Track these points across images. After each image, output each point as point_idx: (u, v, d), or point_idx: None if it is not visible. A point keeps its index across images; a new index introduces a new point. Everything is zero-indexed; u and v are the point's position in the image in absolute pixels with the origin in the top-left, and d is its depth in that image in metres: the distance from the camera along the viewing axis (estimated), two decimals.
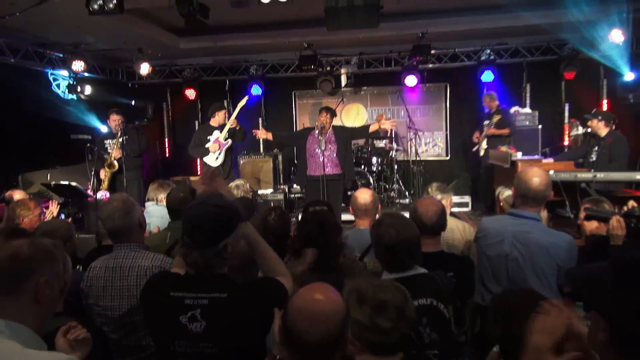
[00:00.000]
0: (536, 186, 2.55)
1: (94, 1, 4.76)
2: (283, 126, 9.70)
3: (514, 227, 2.57)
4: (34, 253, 1.54)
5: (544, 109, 8.54)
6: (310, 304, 1.44)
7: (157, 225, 3.72)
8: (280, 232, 3.06)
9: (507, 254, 2.55)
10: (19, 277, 1.50)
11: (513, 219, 2.62)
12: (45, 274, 1.54)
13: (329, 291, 1.49)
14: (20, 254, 1.52)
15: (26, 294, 1.50)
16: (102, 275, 2.26)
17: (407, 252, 2.13)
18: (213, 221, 1.75)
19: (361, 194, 3.23)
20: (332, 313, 1.43)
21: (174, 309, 1.74)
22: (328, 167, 5.84)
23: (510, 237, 2.55)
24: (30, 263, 1.52)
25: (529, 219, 2.57)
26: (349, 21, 4.81)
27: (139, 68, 8.24)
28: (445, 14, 7.09)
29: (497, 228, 2.64)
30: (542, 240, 2.49)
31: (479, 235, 2.73)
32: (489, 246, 2.65)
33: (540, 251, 2.48)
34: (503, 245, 2.57)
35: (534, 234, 2.52)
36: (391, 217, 2.26)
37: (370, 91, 9.60)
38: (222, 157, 6.48)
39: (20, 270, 1.51)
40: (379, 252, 2.23)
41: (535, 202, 2.58)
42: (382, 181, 8.46)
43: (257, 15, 6.82)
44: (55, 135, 7.58)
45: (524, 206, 2.60)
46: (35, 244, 1.57)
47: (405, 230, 2.15)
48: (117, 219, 2.31)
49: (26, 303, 1.50)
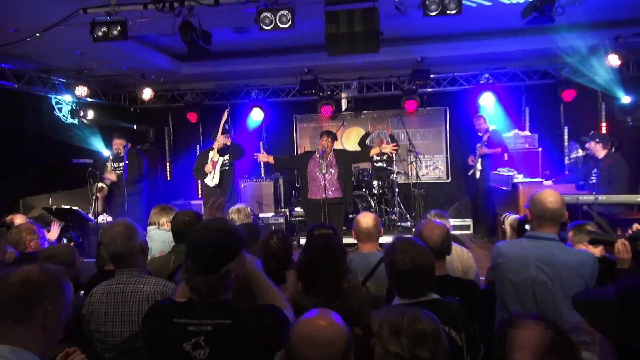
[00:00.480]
0: (552, 206, 2.54)
1: (98, 28, 4.82)
2: (284, 150, 9.73)
3: (537, 250, 2.52)
4: (44, 280, 1.54)
5: (544, 131, 8.59)
6: (313, 329, 1.44)
7: (159, 249, 3.70)
8: (281, 255, 3.06)
9: (533, 278, 2.49)
10: (29, 304, 1.49)
11: (532, 241, 2.58)
12: (53, 301, 1.54)
13: (332, 317, 1.49)
14: (32, 280, 1.51)
15: (34, 322, 1.49)
16: (103, 301, 2.24)
17: (422, 279, 2.11)
18: (216, 246, 1.74)
19: (364, 217, 3.22)
20: (335, 338, 1.43)
21: (177, 336, 1.71)
22: (329, 190, 5.86)
23: (535, 261, 2.50)
24: (41, 290, 1.52)
25: (548, 240, 2.54)
26: (350, 46, 4.87)
27: (142, 93, 8.32)
28: (444, 40, 7.20)
29: (519, 252, 2.58)
30: (569, 260, 2.46)
31: (499, 261, 2.64)
32: (512, 272, 2.57)
33: (568, 272, 2.44)
34: (528, 269, 2.51)
35: (559, 255, 2.49)
36: (405, 242, 2.22)
37: (370, 115, 9.67)
38: (217, 177, 6.55)
39: (31, 297, 1.50)
40: (393, 278, 2.20)
41: (552, 222, 2.56)
42: (383, 204, 8.45)
43: (259, 41, 6.92)
44: (57, 159, 7.61)
45: (542, 227, 2.57)
46: (45, 270, 1.57)
47: (420, 256, 2.13)
48: (119, 243, 2.30)
49: (33, 330, 1.49)
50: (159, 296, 2.21)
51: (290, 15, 4.66)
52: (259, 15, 4.69)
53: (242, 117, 9.53)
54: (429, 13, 4.51)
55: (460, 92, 8.92)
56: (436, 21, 4.91)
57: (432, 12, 4.50)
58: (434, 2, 4.48)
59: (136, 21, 4.92)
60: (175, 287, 2.26)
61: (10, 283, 1.50)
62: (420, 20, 4.78)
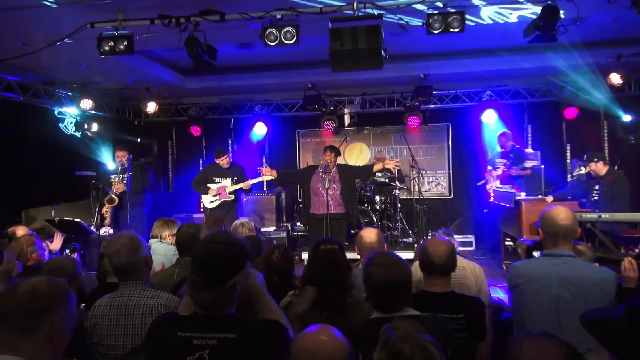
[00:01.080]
0: (565, 223, 2.53)
1: (105, 42, 4.88)
2: (286, 164, 9.76)
3: (558, 268, 2.49)
4: (52, 291, 1.54)
5: (546, 149, 8.61)
6: (314, 344, 1.45)
7: (161, 262, 3.70)
8: (283, 269, 3.05)
9: (558, 296, 2.45)
10: (36, 316, 1.50)
11: (552, 259, 2.55)
12: (60, 313, 1.54)
13: (332, 332, 1.50)
14: (39, 291, 1.52)
15: (41, 334, 1.49)
16: (106, 314, 2.23)
17: (395, 293, 2.11)
18: (222, 259, 1.74)
19: (367, 233, 3.22)
20: (335, 352, 1.43)
21: (181, 350, 1.70)
22: (332, 205, 5.86)
23: (557, 279, 2.47)
24: (49, 302, 1.52)
25: (567, 257, 2.52)
26: (353, 63, 4.91)
27: (146, 106, 8.38)
28: (447, 57, 7.26)
29: (539, 271, 2.54)
30: (594, 277, 2.44)
31: (519, 281, 2.59)
32: (535, 291, 2.52)
33: (593, 289, 2.42)
34: (551, 288, 2.47)
35: (582, 271, 2.47)
36: (382, 256, 2.24)
37: (373, 130, 9.71)
38: (216, 204, 6.66)
39: (39, 308, 1.50)
40: (368, 292, 2.22)
41: (565, 239, 2.55)
42: (386, 220, 8.43)
43: (263, 56, 6.99)
44: (60, 171, 7.64)
45: (557, 245, 2.55)
46: (52, 282, 1.57)
47: (395, 271, 2.13)
48: (124, 255, 2.30)
49: (40, 343, 1.49)
50: (163, 309, 2.20)
51: (295, 32, 4.71)
52: (264, 31, 4.74)
53: (245, 131, 9.58)
54: (433, 31, 4.55)
55: (463, 109, 8.97)
56: (439, 39, 4.95)
57: (436, 30, 4.55)
58: (438, 20, 4.53)
59: (142, 36, 4.98)
60: (178, 301, 2.26)
61: (19, 294, 1.51)
62: (424, 38, 4.83)
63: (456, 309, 2.42)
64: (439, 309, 2.38)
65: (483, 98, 8.56)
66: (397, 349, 1.53)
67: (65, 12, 4.73)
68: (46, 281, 1.56)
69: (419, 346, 1.53)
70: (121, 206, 6.60)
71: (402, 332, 1.57)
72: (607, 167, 5.97)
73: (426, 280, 2.58)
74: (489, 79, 8.24)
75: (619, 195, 5.75)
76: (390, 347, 1.54)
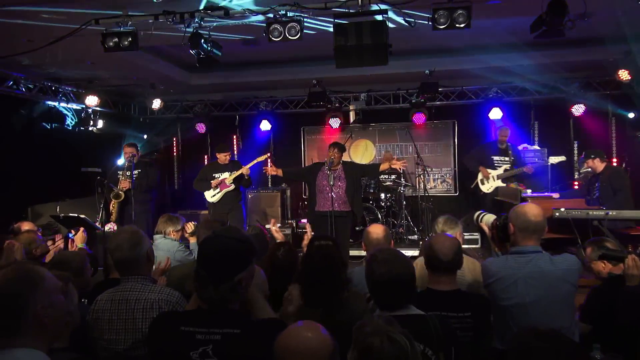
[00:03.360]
0: (536, 219, 2.54)
1: (109, 38, 4.88)
2: (292, 161, 9.75)
3: (524, 267, 2.49)
4: (18, 286, 1.48)
5: (553, 146, 8.54)
6: (297, 340, 1.44)
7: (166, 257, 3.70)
8: (287, 267, 3.04)
9: (525, 295, 2.45)
10: (11, 319, 1.45)
11: (518, 257, 2.54)
12: (38, 300, 1.48)
13: (316, 328, 1.49)
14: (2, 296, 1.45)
15: (30, 327, 1.46)
16: (108, 308, 2.23)
17: (398, 290, 2.08)
18: (230, 254, 1.73)
19: (374, 229, 3.19)
20: (318, 348, 1.42)
21: (185, 344, 1.69)
22: (336, 203, 5.83)
23: (524, 278, 2.46)
24: (15, 302, 1.46)
25: (534, 253, 2.53)
26: (358, 59, 4.88)
27: (151, 103, 8.39)
28: (453, 53, 7.21)
29: (506, 271, 2.52)
30: (557, 271, 2.46)
31: (489, 281, 2.58)
32: (503, 290, 2.51)
33: (558, 282, 2.44)
34: (517, 287, 2.46)
35: (546, 267, 2.48)
36: (385, 252, 2.21)
37: (378, 127, 9.68)
38: (219, 197, 6.66)
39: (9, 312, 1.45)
40: (370, 289, 2.19)
41: (535, 234, 2.56)
42: (391, 217, 8.41)
43: (268, 52, 6.97)
44: (66, 167, 7.66)
45: (526, 240, 2.56)
46: (12, 275, 1.50)
47: (396, 267, 2.10)
48: (125, 250, 2.29)
49: (34, 333, 1.47)
50: (164, 304, 2.20)
51: (299, 28, 4.69)
52: (268, 27, 4.73)
53: (250, 128, 9.57)
54: (438, 27, 4.52)
55: (469, 106, 8.91)
56: (445, 34, 4.90)
57: (441, 26, 4.51)
58: (443, 15, 4.49)
59: (147, 32, 4.97)
60: (180, 296, 2.25)
61: None
62: (429, 34, 4.80)
63: (463, 307, 2.40)
64: (445, 307, 2.36)
65: (489, 95, 8.51)
66: (367, 343, 1.51)
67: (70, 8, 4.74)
68: (3, 277, 1.49)
69: (389, 338, 1.51)
70: (127, 203, 6.63)
71: (372, 327, 1.55)
72: (604, 164, 6.03)
73: (432, 278, 2.55)
74: (495, 75, 8.17)
75: (620, 188, 5.79)
76: (361, 342, 1.53)
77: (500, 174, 7.35)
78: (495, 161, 7.47)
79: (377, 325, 1.57)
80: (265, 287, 2.35)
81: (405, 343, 1.52)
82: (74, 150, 7.82)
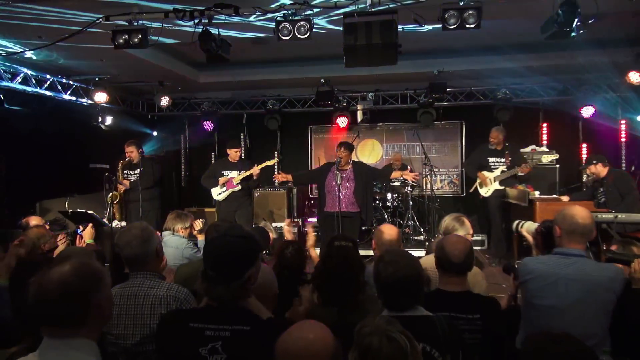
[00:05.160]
0: (584, 222, 2.51)
1: (119, 36, 4.90)
2: (298, 160, 9.77)
3: (566, 268, 2.46)
4: (86, 281, 1.55)
5: (562, 148, 8.48)
6: (297, 342, 1.43)
7: (173, 255, 3.72)
8: (295, 266, 3.05)
9: (564, 297, 2.42)
10: (76, 313, 1.51)
11: (562, 258, 2.51)
12: (101, 293, 1.57)
13: (319, 328, 1.47)
14: (73, 289, 1.52)
15: (94, 317, 1.54)
16: (116, 303, 2.22)
17: (405, 291, 2.07)
18: (238, 252, 1.74)
19: (388, 230, 3.19)
20: (320, 349, 1.41)
21: (194, 341, 1.70)
22: (344, 203, 5.81)
23: (566, 279, 2.43)
24: (87, 293, 1.53)
25: (577, 257, 2.49)
26: (367, 58, 4.88)
27: (160, 101, 8.41)
28: (461, 53, 7.18)
29: (547, 269, 2.50)
30: (602, 278, 2.41)
31: (526, 278, 2.55)
32: (541, 289, 2.49)
33: (599, 289, 2.39)
34: (557, 288, 2.43)
35: (590, 271, 2.44)
36: (393, 253, 2.21)
37: (385, 127, 9.67)
38: (225, 195, 6.67)
39: (80, 301, 1.52)
40: (378, 289, 2.19)
41: (582, 238, 2.52)
42: (397, 217, 8.40)
43: (276, 51, 6.97)
44: (74, 163, 7.71)
45: (571, 243, 2.52)
46: (80, 271, 1.56)
47: (403, 267, 2.09)
48: (135, 246, 2.30)
49: (96, 322, 1.56)
50: (172, 300, 2.20)
51: (308, 27, 4.69)
52: (277, 25, 4.73)
53: (257, 126, 9.59)
54: (448, 27, 4.50)
55: (477, 107, 8.88)
56: (454, 35, 4.89)
57: (451, 26, 4.49)
58: (453, 15, 4.47)
59: (156, 29, 4.99)
60: (188, 292, 2.26)
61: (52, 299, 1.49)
62: (439, 34, 4.78)
63: (472, 309, 2.38)
64: (454, 308, 2.35)
65: (498, 96, 8.46)
66: (366, 343, 1.51)
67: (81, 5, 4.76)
68: (72, 273, 1.54)
69: (387, 338, 1.50)
70: (134, 200, 6.66)
71: (371, 327, 1.55)
72: (606, 168, 5.92)
73: (442, 278, 2.55)
74: (504, 76, 8.14)
75: (628, 191, 5.71)
76: (360, 342, 1.52)
77: (497, 175, 7.20)
78: (491, 163, 7.28)
79: (376, 325, 1.56)
80: (274, 286, 2.36)
81: (405, 343, 1.51)
82: (83, 147, 7.87)
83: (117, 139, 8.24)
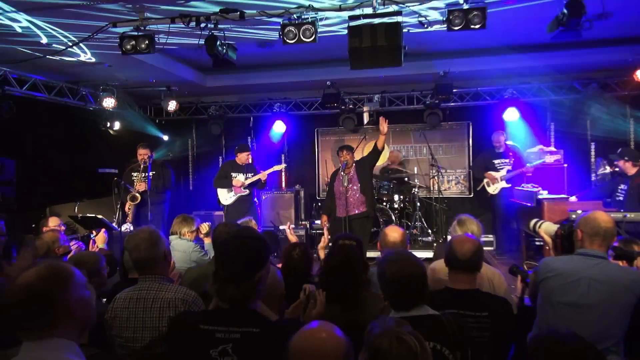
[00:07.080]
0: (607, 225, 2.53)
1: (127, 41, 4.95)
2: (305, 162, 9.80)
3: (590, 269, 2.46)
4: (50, 281, 1.54)
5: (570, 147, 8.42)
6: (310, 342, 1.44)
7: (181, 259, 3.75)
8: (302, 267, 3.06)
9: (585, 296, 2.42)
10: (43, 312, 1.51)
11: (585, 258, 2.52)
12: (69, 293, 1.55)
13: (331, 329, 1.48)
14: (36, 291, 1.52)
15: (63, 318, 1.53)
16: (126, 307, 2.27)
17: (410, 289, 2.09)
18: (250, 253, 1.76)
19: (392, 232, 3.20)
20: (332, 349, 1.42)
21: (204, 343, 1.71)
22: (352, 206, 5.82)
23: (588, 279, 2.43)
24: (50, 293, 1.53)
25: (600, 258, 2.50)
26: (373, 61, 4.89)
27: (167, 105, 8.47)
28: (468, 54, 7.17)
29: (570, 268, 2.51)
30: (626, 280, 2.41)
31: (549, 275, 2.56)
32: (562, 287, 2.49)
33: (622, 291, 2.39)
34: (579, 287, 2.44)
35: (615, 273, 2.45)
36: (396, 254, 2.24)
37: (392, 129, 9.62)
38: (232, 200, 6.74)
39: (42, 306, 1.51)
40: (384, 289, 2.20)
41: (605, 240, 2.54)
42: (404, 218, 8.38)
43: (282, 54, 7.00)
44: (83, 168, 7.79)
45: (593, 245, 2.53)
46: (44, 272, 1.56)
47: (407, 266, 2.12)
48: (143, 250, 2.33)
49: (67, 323, 1.54)
50: (180, 303, 2.23)
51: (313, 30, 4.71)
52: (283, 29, 4.75)
53: (264, 129, 9.62)
54: (453, 28, 4.50)
55: (484, 107, 8.84)
56: (460, 35, 4.89)
57: (456, 27, 4.50)
58: (458, 16, 4.48)
59: (163, 35, 5.04)
60: (196, 295, 2.28)
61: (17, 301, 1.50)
62: (444, 34, 4.78)
63: (481, 307, 2.39)
64: (462, 306, 2.37)
65: (505, 96, 8.42)
66: (376, 344, 1.51)
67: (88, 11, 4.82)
68: (35, 276, 1.55)
69: (397, 339, 1.51)
70: (142, 204, 6.71)
71: (381, 328, 1.56)
72: (636, 168, 5.75)
73: (450, 276, 2.57)
74: (511, 76, 8.11)
75: None
76: (370, 344, 1.53)
77: (503, 175, 7.53)
78: (496, 164, 7.66)
79: (386, 326, 1.57)
80: (281, 287, 2.37)
81: (415, 344, 1.52)
82: (92, 152, 7.94)
83: (125, 144, 8.32)
